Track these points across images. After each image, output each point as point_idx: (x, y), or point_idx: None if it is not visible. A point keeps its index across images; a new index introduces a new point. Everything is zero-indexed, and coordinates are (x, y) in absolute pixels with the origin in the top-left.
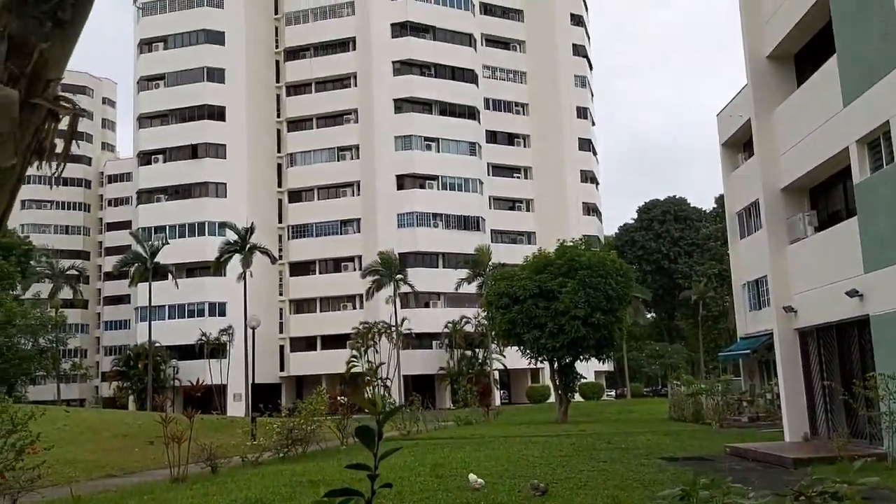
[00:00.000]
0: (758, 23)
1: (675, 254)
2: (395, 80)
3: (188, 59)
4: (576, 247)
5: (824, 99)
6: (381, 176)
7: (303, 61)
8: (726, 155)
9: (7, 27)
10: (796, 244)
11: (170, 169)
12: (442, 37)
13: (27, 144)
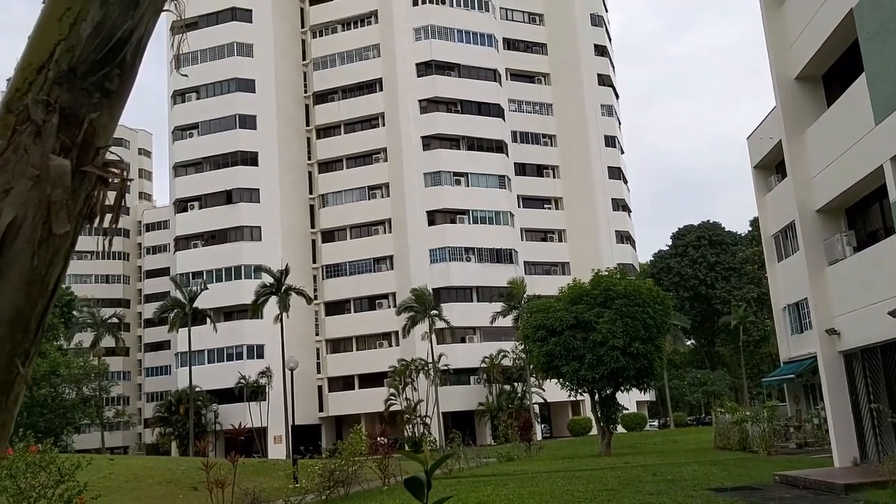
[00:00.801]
0: (784, 45)
1: (711, 279)
2: (423, 118)
3: (221, 107)
4: (611, 276)
5: (855, 118)
6: (411, 212)
7: (331, 104)
8: (759, 177)
9: (58, 100)
10: (835, 265)
11: (205, 215)
12: (467, 73)
13: (79, 210)
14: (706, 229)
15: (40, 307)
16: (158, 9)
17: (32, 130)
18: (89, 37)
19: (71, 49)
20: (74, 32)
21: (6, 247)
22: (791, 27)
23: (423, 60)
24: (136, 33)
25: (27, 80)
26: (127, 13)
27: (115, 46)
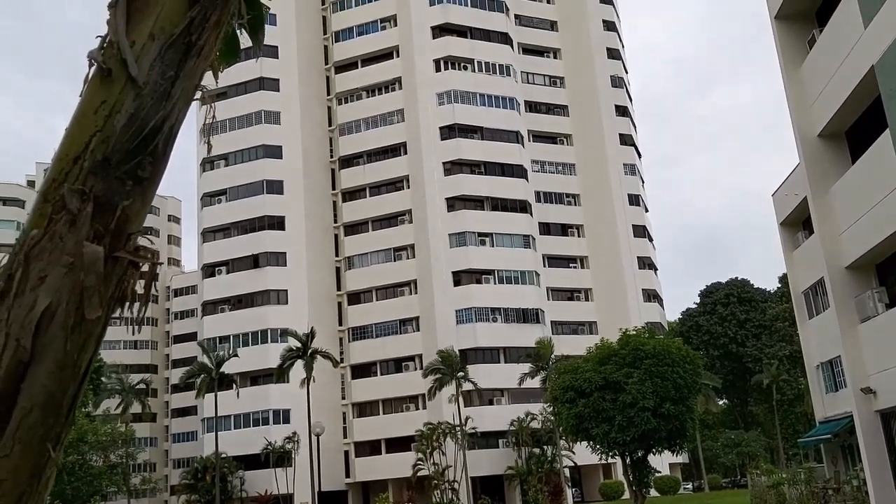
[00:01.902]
0: (805, 103)
1: (742, 337)
2: (447, 180)
3: (248, 173)
4: (639, 335)
5: (881, 174)
6: (437, 273)
7: (356, 168)
8: (786, 234)
9: (93, 189)
10: (868, 322)
11: (233, 280)
12: (490, 136)
13: (111, 295)
14: (735, 286)
15: (72, 391)
16: (190, 98)
17: (68, 219)
18: (123, 127)
19: (106, 140)
20: (109, 124)
21: (41, 333)
22: (811, 85)
23: (446, 124)
24: (168, 122)
25: (63, 171)
26: (159, 104)
27: (148, 136)
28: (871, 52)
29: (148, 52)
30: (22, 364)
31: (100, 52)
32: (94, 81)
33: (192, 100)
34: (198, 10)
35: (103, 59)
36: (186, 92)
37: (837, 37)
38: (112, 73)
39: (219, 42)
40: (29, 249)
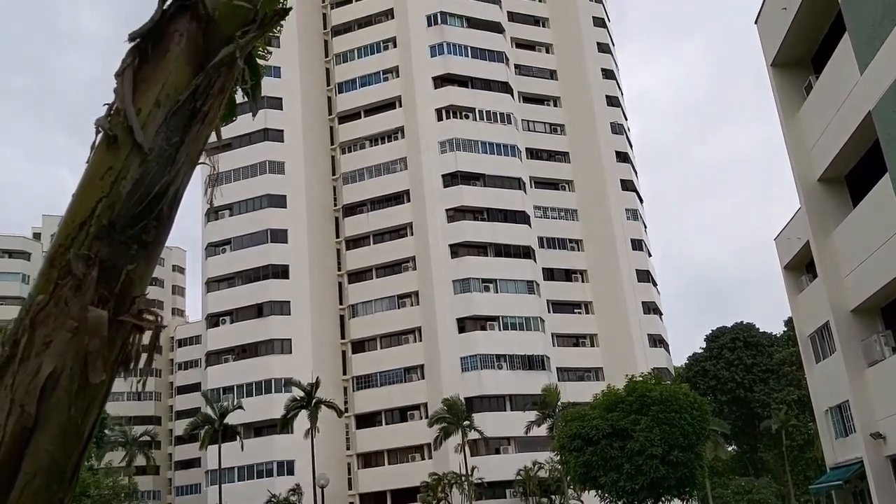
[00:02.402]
0: (804, 148)
1: (749, 382)
2: (450, 227)
3: (253, 223)
4: (646, 381)
5: (882, 218)
6: (441, 320)
7: (360, 216)
8: (789, 278)
9: (98, 254)
10: (875, 366)
11: (236, 329)
12: (492, 183)
13: (115, 358)
14: (740, 331)
15: (75, 456)
16: (194, 162)
17: (73, 284)
18: (129, 193)
19: (112, 205)
20: (115, 190)
21: (45, 398)
22: (810, 131)
23: (448, 171)
24: (173, 187)
25: (70, 236)
26: (164, 169)
27: (153, 200)
28: (868, 98)
29: (154, 118)
30: (26, 430)
31: (106, 119)
32: (101, 148)
33: (197, 164)
34: (203, 78)
35: (110, 126)
36: (191, 157)
37: (834, 83)
38: (118, 140)
39: (222, 107)
40: (35, 315)
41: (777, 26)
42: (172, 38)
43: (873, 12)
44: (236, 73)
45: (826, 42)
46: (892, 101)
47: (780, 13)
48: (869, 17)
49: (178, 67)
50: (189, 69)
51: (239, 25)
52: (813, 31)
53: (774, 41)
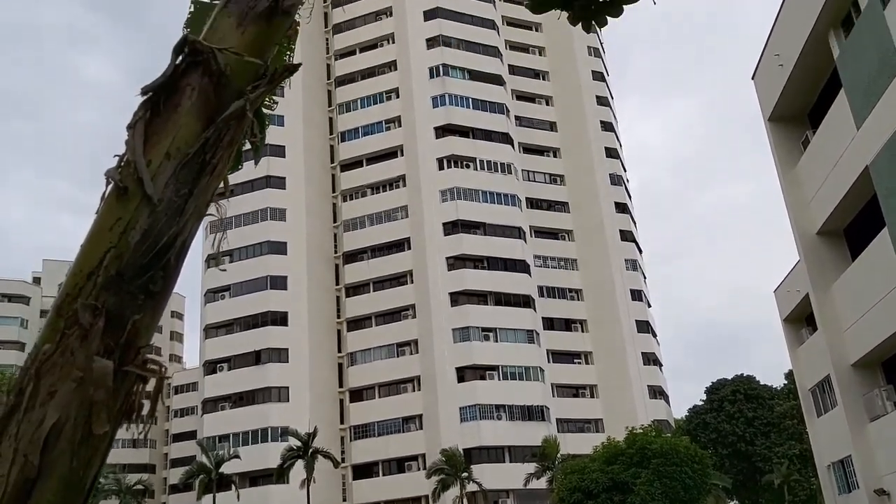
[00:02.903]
0: (802, 202)
1: (750, 435)
2: (450, 275)
3: (252, 269)
4: (646, 434)
5: (881, 272)
6: (440, 369)
7: (360, 263)
8: (789, 330)
9: (105, 304)
10: (878, 421)
11: (234, 377)
12: (492, 232)
13: (118, 409)
14: (741, 383)
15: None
16: (202, 213)
17: (80, 334)
18: (137, 243)
19: (120, 255)
20: (124, 240)
21: (48, 448)
22: (808, 184)
23: (449, 220)
24: (181, 238)
25: (77, 286)
26: (172, 220)
27: (161, 251)
28: (865, 153)
29: (164, 170)
30: (29, 481)
31: (117, 170)
32: (111, 199)
33: (205, 214)
34: (213, 131)
35: (121, 177)
36: (199, 208)
37: (831, 137)
38: (128, 192)
39: (231, 159)
40: (41, 364)
41: (773, 82)
42: (184, 93)
43: (868, 69)
44: (245, 126)
45: (822, 97)
46: (889, 156)
47: (776, 69)
48: (864, 73)
49: (189, 121)
50: (199, 122)
51: (249, 80)
52: (809, 87)
53: (771, 96)
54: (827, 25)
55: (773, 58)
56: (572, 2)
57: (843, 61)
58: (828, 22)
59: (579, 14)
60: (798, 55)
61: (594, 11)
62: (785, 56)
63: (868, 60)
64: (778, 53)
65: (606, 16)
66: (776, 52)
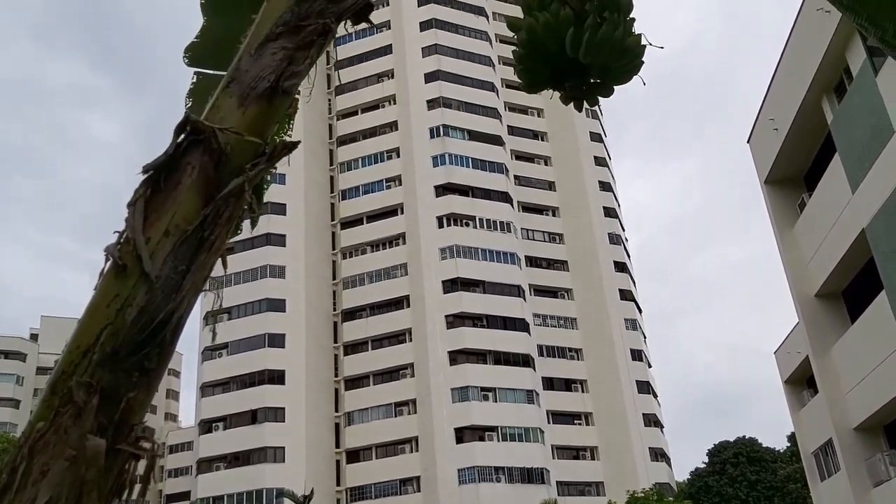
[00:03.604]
0: (800, 263)
1: (754, 499)
2: (449, 333)
3: (251, 327)
4: (647, 498)
5: (880, 335)
6: (438, 430)
7: (359, 321)
8: (790, 392)
9: (100, 381)
10: (881, 486)
11: (230, 436)
12: (492, 290)
13: (110, 488)
14: (743, 445)
15: None
16: (199, 289)
17: (74, 412)
18: (133, 320)
19: (116, 333)
20: (120, 317)
21: None
22: (805, 247)
23: (448, 278)
24: (177, 314)
25: (73, 363)
26: (170, 297)
27: (157, 327)
28: (861, 216)
29: (162, 247)
30: None
31: (116, 247)
32: (109, 275)
33: (201, 290)
34: (212, 209)
35: (120, 254)
36: (196, 284)
37: (827, 201)
38: (127, 269)
39: (229, 234)
40: (34, 442)
41: (769, 145)
42: (185, 171)
43: (862, 134)
44: (244, 202)
45: (817, 160)
46: (885, 220)
47: (771, 133)
48: (858, 138)
49: (189, 198)
50: (199, 200)
51: (248, 158)
52: (804, 151)
53: (767, 160)
54: (820, 91)
55: (768, 122)
56: (564, 84)
57: (837, 126)
58: (821, 88)
59: (571, 95)
60: (792, 120)
61: (585, 92)
62: (780, 120)
63: (861, 126)
64: (773, 118)
65: (597, 96)
66: (771, 116)
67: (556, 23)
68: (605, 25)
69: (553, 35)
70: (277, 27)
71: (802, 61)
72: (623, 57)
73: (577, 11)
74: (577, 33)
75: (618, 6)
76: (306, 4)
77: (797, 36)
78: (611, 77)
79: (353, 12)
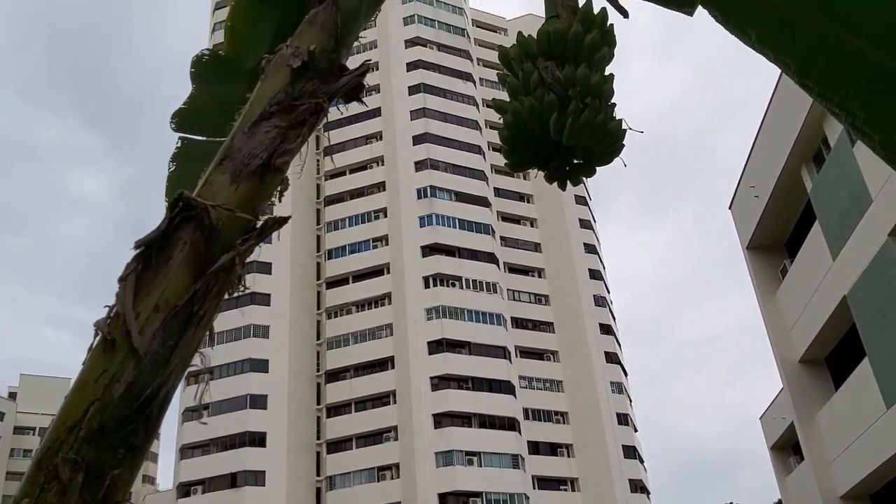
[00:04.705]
0: (783, 329)
1: None
2: (434, 395)
3: (233, 387)
4: None
5: (864, 402)
6: (422, 495)
7: (343, 382)
8: (777, 458)
9: (85, 458)
10: None
11: (208, 500)
12: (477, 351)
13: None
14: None
15: None
16: (186, 364)
17: (58, 489)
18: (121, 396)
19: (103, 409)
20: (108, 393)
21: None
22: (788, 312)
23: (434, 338)
24: (164, 389)
25: (59, 440)
26: (157, 372)
27: (143, 403)
28: (842, 283)
29: (151, 323)
30: None
31: (106, 322)
32: (98, 350)
33: (189, 365)
34: (202, 283)
35: (109, 329)
36: (184, 359)
37: (808, 268)
38: (116, 344)
39: (218, 309)
40: None
41: (750, 212)
42: (176, 246)
43: (841, 202)
44: (234, 277)
45: (798, 227)
46: (865, 287)
47: (752, 200)
48: (837, 206)
49: (179, 274)
50: (189, 275)
51: (239, 233)
52: (785, 217)
53: (748, 226)
54: (799, 160)
55: (749, 189)
56: (548, 164)
57: (816, 195)
58: (800, 156)
59: (554, 175)
60: (772, 187)
61: (569, 172)
62: (760, 188)
63: (840, 194)
64: (753, 185)
65: (580, 176)
66: (751, 183)
67: (541, 107)
68: (588, 111)
69: (537, 119)
70: (271, 106)
71: (781, 131)
72: (605, 140)
73: (560, 97)
74: (561, 118)
75: (599, 92)
76: (300, 85)
77: (776, 106)
78: (593, 159)
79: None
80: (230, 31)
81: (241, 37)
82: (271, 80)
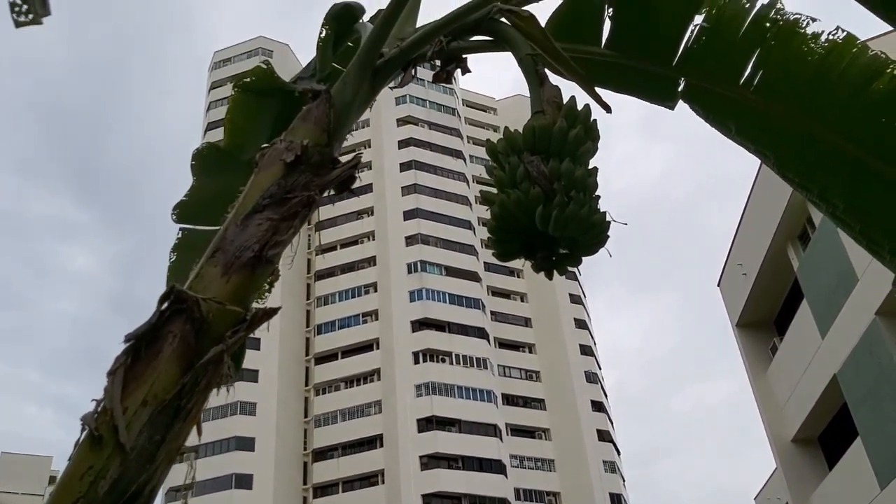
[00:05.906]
0: (775, 408)
1: None
2: (423, 475)
3: (217, 467)
4: None
5: (858, 482)
6: None
7: (330, 461)
8: None
9: None
10: None
11: None
12: (468, 429)
13: None
14: None
15: None
16: (172, 459)
17: None
18: (106, 493)
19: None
20: (93, 489)
21: None
22: (779, 391)
23: (424, 416)
24: (150, 485)
25: None
26: (143, 467)
27: (129, 499)
28: (832, 362)
29: (139, 417)
30: None
31: (93, 416)
32: (84, 446)
33: (175, 460)
34: (190, 377)
35: (96, 425)
36: (170, 454)
37: (797, 346)
38: (102, 440)
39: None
40: None
41: (738, 290)
42: (166, 339)
43: (828, 280)
44: (222, 370)
45: (787, 305)
46: (854, 366)
47: (740, 278)
48: (824, 284)
49: (168, 367)
50: (178, 368)
51: (229, 326)
52: (773, 295)
53: (737, 303)
54: (785, 238)
55: (737, 267)
56: (535, 253)
57: (803, 273)
58: (786, 235)
59: (541, 265)
60: (760, 265)
61: (555, 262)
62: (748, 266)
63: (826, 273)
64: (741, 263)
65: (566, 265)
66: (739, 261)
67: (527, 200)
68: (572, 204)
69: (524, 211)
70: (264, 199)
71: (767, 209)
72: (589, 231)
73: (546, 191)
74: (546, 210)
75: (584, 185)
76: (293, 178)
77: (760, 185)
78: (579, 249)
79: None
80: (229, 124)
81: (240, 129)
82: (265, 173)
